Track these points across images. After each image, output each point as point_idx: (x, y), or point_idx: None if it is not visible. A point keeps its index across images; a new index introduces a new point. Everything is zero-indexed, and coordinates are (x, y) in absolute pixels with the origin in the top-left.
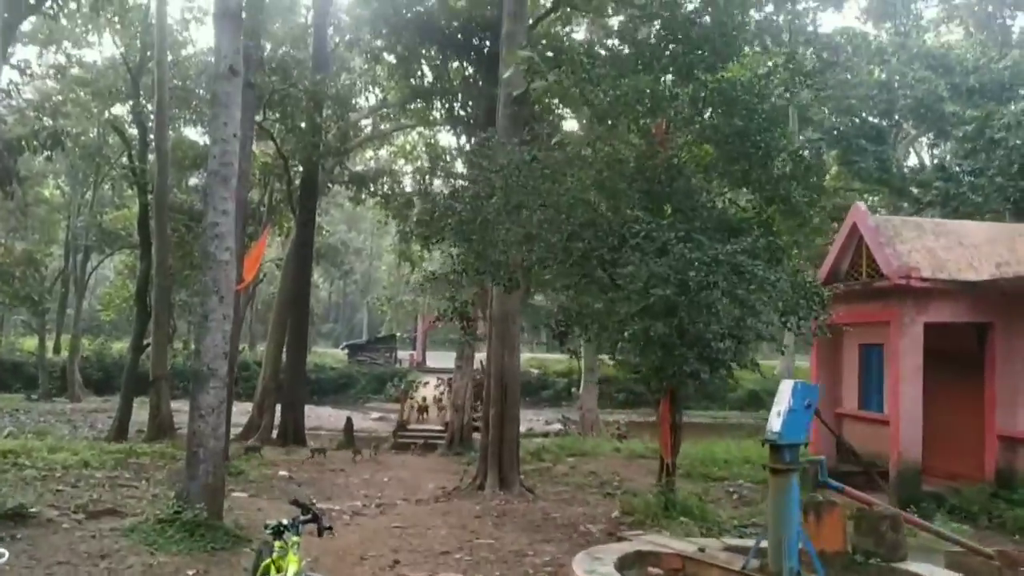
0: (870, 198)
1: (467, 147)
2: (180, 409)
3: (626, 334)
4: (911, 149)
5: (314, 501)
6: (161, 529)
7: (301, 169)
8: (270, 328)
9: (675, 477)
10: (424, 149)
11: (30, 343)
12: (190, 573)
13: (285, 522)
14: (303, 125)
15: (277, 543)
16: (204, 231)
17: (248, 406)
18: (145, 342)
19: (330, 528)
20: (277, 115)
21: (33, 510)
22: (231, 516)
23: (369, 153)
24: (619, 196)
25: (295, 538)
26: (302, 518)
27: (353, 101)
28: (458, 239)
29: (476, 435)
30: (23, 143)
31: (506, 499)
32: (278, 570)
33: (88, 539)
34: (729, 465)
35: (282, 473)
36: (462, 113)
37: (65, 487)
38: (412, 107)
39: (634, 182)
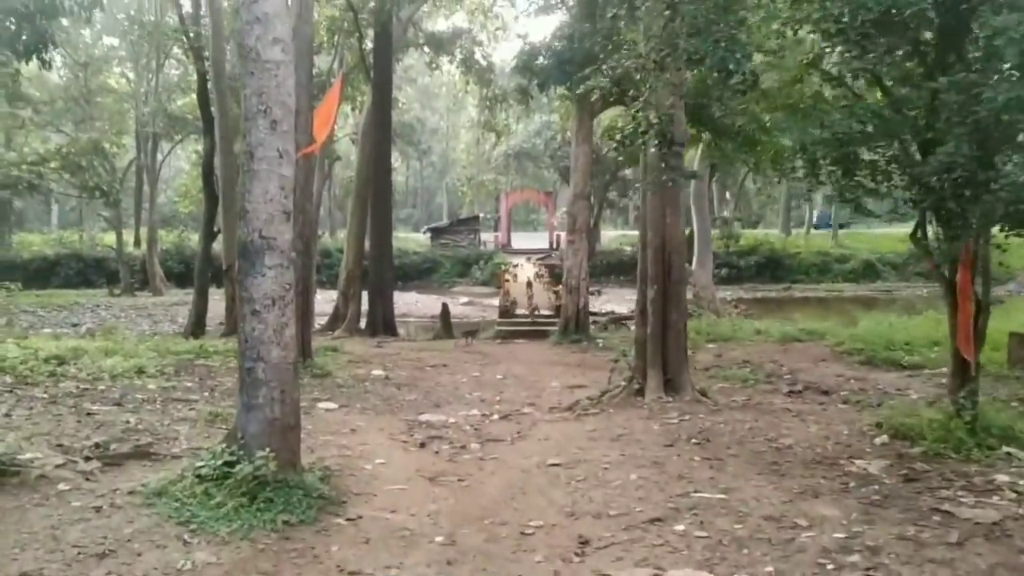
0: None
1: None
2: None
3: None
4: None
5: (421, 412)
6: (204, 493)
7: (373, 27)
8: (350, 208)
9: (977, 383)
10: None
11: (110, 238)
12: None
13: None
14: None
15: None
16: (239, 13)
17: (332, 295)
18: (216, 228)
19: None
20: None
21: (25, 457)
22: (313, 455)
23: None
24: None
25: None
26: None
27: None
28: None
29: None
30: (56, 3)
31: (682, 410)
32: None
33: (86, 513)
34: (913, 348)
35: (376, 372)
36: None
37: (101, 407)
38: None
39: None
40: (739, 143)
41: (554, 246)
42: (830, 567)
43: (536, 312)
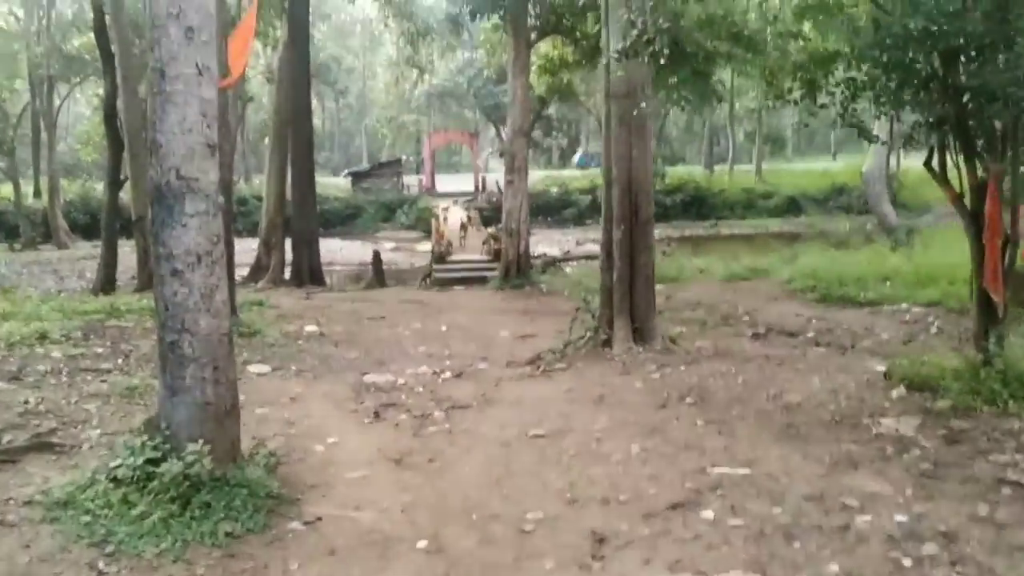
0: None
1: None
2: None
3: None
4: None
5: (365, 372)
6: (122, 501)
7: None
8: (269, 152)
9: (1006, 327)
10: None
11: (7, 190)
12: None
13: None
14: None
15: None
16: None
17: (251, 244)
18: (123, 176)
19: None
20: None
21: None
22: (252, 436)
23: None
24: None
25: None
26: None
27: None
28: None
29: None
30: None
31: (657, 361)
32: None
33: None
34: (866, 284)
35: (310, 328)
36: None
37: None
38: None
39: None
40: (685, 74)
41: (480, 188)
42: (906, 563)
43: (470, 258)
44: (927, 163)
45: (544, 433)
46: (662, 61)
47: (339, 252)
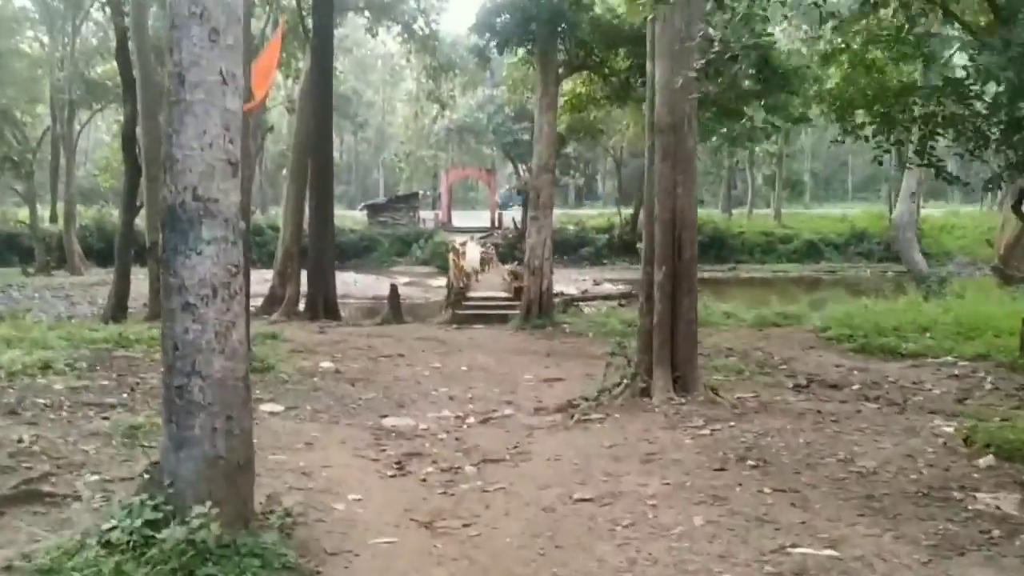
0: None
1: None
2: None
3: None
4: None
5: (385, 415)
6: (116, 571)
7: None
8: (287, 181)
9: None
10: None
11: (23, 213)
12: None
13: None
14: None
15: None
16: None
17: (265, 274)
18: (139, 202)
19: None
20: None
21: None
22: (266, 482)
23: None
24: None
25: None
26: None
27: None
28: None
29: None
30: None
31: (703, 415)
32: None
33: None
34: (903, 334)
35: (325, 364)
36: None
37: None
38: None
39: None
40: (715, 113)
41: (496, 224)
42: None
43: (490, 295)
44: (1016, 207)
45: (591, 497)
46: (746, 82)
47: (353, 285)
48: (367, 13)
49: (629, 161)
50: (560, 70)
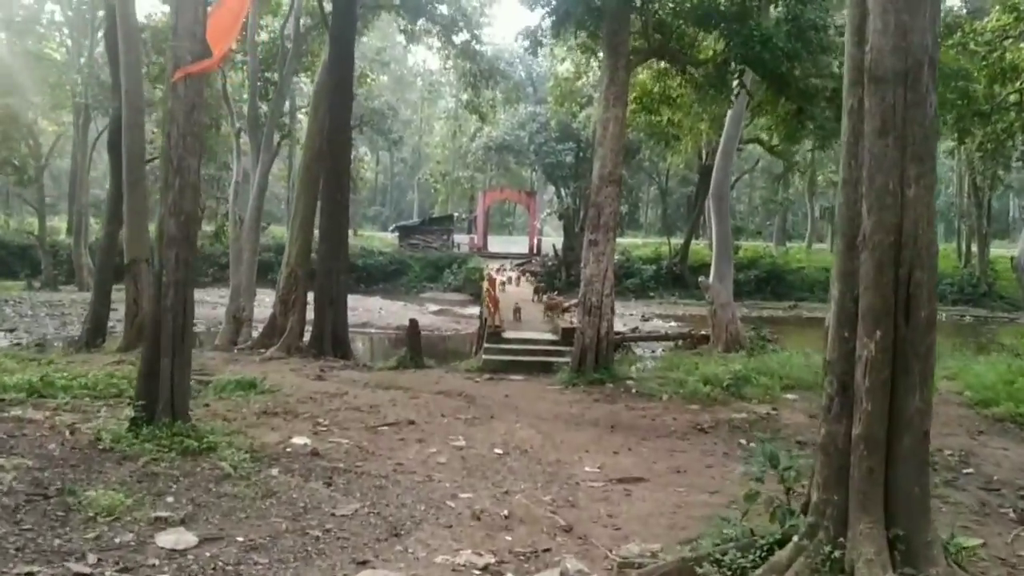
0: None
1: None
2: (202, 300)
3: None
4: None
5: (365, 561)
6: None
7: None
8: (296, 193)
9: None
10: None
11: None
12: None
13: None
14: None
15: None
16: None
17: (268, 298)
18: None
19: None
20: None
21: None
22: None
23: None
24: None
25: None
26: None
27: None
28: None
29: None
30: None
31: None
32: None
33: None
34: None
35: (298, 441)
36: None
37: None
38: None
39: None
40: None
41: (534, 251)
42: None
43: (532, 336)
44: None
45: None
46: None
47: (378, 312)
48: (402, 14)
49: (675, 189)
50: (631, 57)
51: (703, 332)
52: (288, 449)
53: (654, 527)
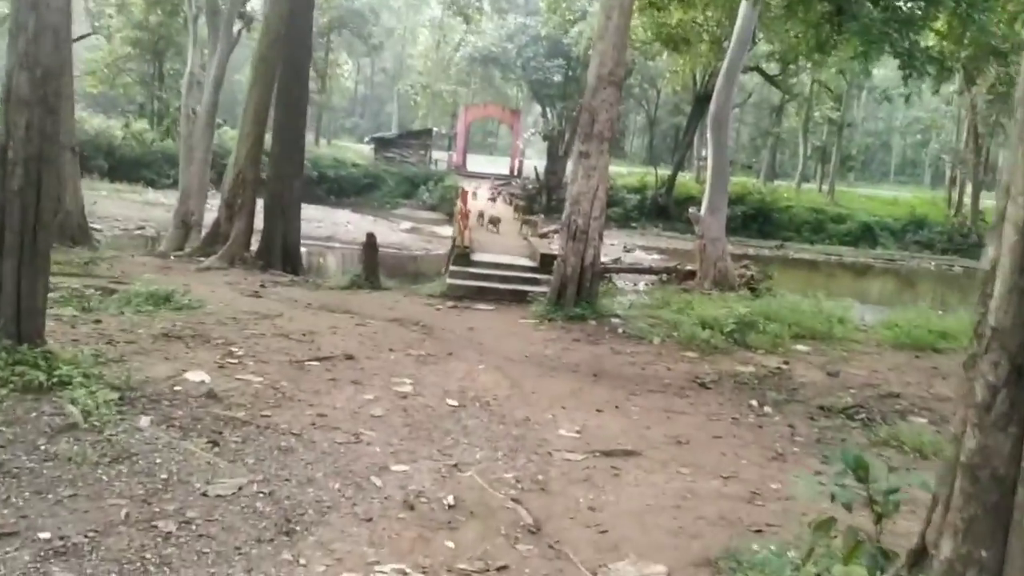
0: None
1: None
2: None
3: None
4: None
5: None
6: None
7: None
8: (249, 83)
9: None
10: None
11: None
12: None
13: None
14: None
15: None
16: None
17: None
18: None
19: None
20: None
21: None
22: None
23: None
24: None
25: None
26: None
27: None
28: None
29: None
30: None
31: None
32: None
33: None
34: None
35: (195, 378)
36: None
37: None
38: None
39: None
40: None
41: (516, 172)
42: None
43: (505, 260)
44: None
45: None
46: None
47: (345, 227)
48: None
49: (664, 119)
50: None
51: (689, 267)
52: (177, 388)
53: (653, 530)
